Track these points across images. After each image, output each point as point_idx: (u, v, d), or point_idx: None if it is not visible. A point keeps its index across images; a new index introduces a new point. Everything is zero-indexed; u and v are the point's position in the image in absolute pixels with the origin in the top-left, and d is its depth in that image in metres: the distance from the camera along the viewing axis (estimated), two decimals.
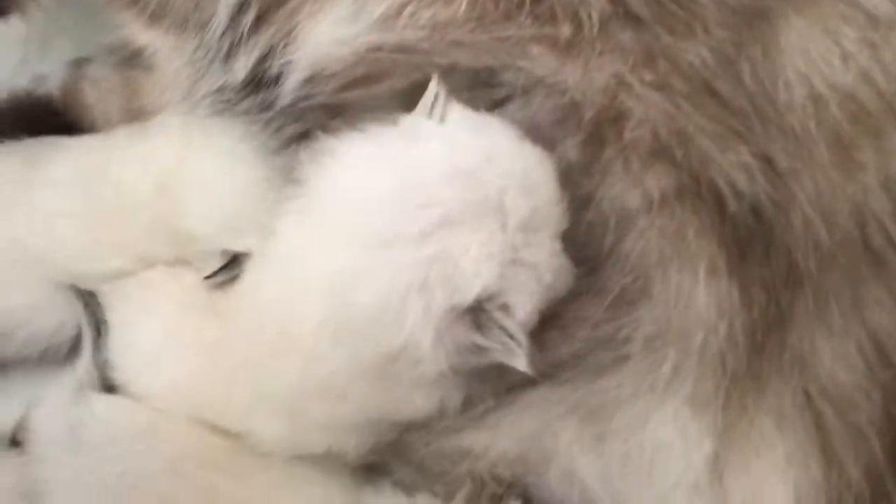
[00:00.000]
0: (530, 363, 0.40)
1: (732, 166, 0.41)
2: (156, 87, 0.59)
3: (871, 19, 0.42)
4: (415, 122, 0.43)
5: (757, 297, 0.41)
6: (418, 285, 0.40)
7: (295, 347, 0.44)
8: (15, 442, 0.55)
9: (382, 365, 0.42)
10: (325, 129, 0.46)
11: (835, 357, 0.41)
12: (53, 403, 0.53)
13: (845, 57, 0.42)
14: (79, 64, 0.64)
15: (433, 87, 0.43)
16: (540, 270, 0.41)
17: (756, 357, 0.41)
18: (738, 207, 0.41)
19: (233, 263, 0.51)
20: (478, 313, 0.41)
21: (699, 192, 0.41)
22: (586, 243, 0.43)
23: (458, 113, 0.43)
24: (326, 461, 0.49)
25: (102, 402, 0.52)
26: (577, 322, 0.43)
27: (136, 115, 0.60)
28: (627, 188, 0.42)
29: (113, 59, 0.62)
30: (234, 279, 0.51)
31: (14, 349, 0.55)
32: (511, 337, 0.41)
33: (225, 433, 0.50)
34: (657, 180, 0.42)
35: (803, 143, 0.41)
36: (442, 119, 0.43)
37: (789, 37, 0.42)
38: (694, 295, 0.41)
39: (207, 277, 0.52)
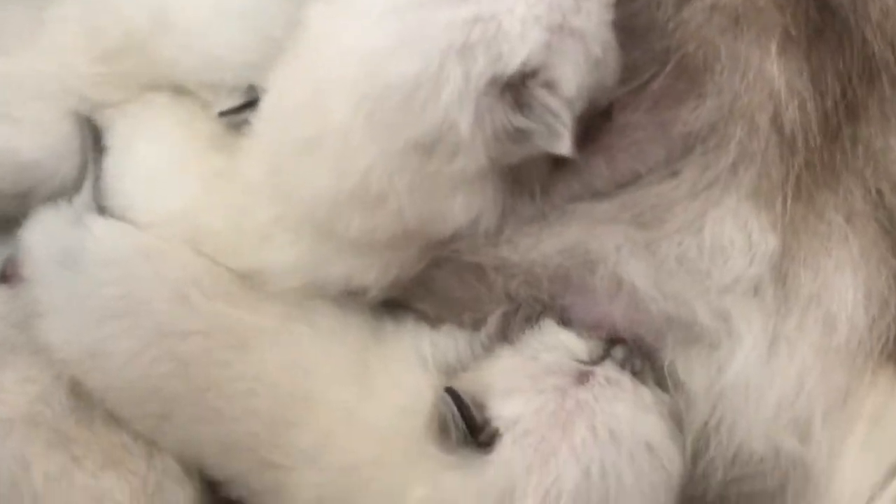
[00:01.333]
0: (573, 146, 0.38)
1: None
2: None
3: None
4: None
5: (831, 86, 0.39)
6: (458, 49, 0.38)
7: (327, 143, 0.42)
8: (3, 277, 0.54)
9: (420, 159, 0.40)
10: None
11: None
12: (49, 226, 0.51)
13: None
14: None
15: None
16: (588, 41, 0.39)
17: (828, 148, 0.39)
18: None
19: (253, 102, 0.48)
20: (519, 90, 0.39)
21: None
22: (639, 12, 0.41)
23: None
24: (343, 298, 0.48)
25: (102, 224, 0.50)
26: (632, 106, 0.41)
27: None
28: None
29: None
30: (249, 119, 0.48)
31: (34, 204, 0.53)
32: (555, 116, 0.39)
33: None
34: None
35: None
36: None
37: None
38: (764, 68, 0.39)
39: (222, 113, 0.49)
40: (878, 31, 0.39)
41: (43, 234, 0.51)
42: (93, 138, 0.52)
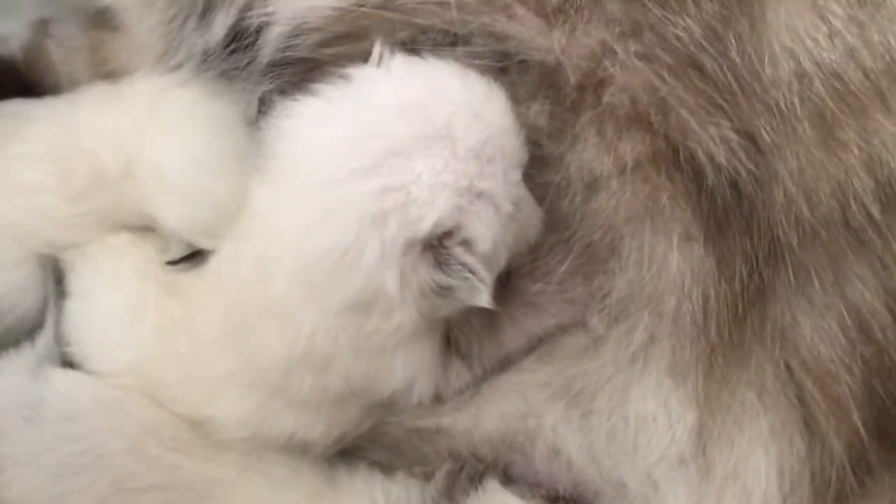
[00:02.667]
0: (492, 298, 0.42)
1: (712, 139, 0.43)
2: (125, 48, 0.59)
3: None
4: (362, 71, 0.45)
5: (738, 269, 0.43)
6: (372, 218, 0.42)
7: (273, 312, 0.45)
8: None
9: (359, 319, 0.44)
10: (296, 90, 0.47)
11: (815, 331, 0.43)
12: (10, 377, 0.53)
13: (832, 34, 0.44)
14: (44, 24, 0.65)
15: (377, 47, 0.45)
16: (498, 200, 0.43)
17: (737, 328, 0.43)
18: (716, 180, 0.43)
19: (197, 255, 0.53)
20: (438, 251, 0.43)
21: (676, 162, 0.43)
22: (550, 202, 0.45)
23: (402, 59, 0.45)
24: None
25: (63, 377, 0.52)
26: (543, 281, 0.45)
27: (105, 77, 0.61)
28: (600, 153, 0.44)
29: (79, 18, 0.63)
30: (198, 265, 0.53)
31: None
32: (472, 272, 0.42)
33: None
34: (632, 146, 0.44)
35: (787, 119, 0.43)
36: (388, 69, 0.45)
37: (777, 11, 0.44)
38: (667, 259, 0.43)
39: (170, 263, 0.54)
40: (781, 214, 0.43)
41: (5, 385, 0.53)
42: (55, 280, 0.55)
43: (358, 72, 0.45)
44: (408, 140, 0.43)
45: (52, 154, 0.55)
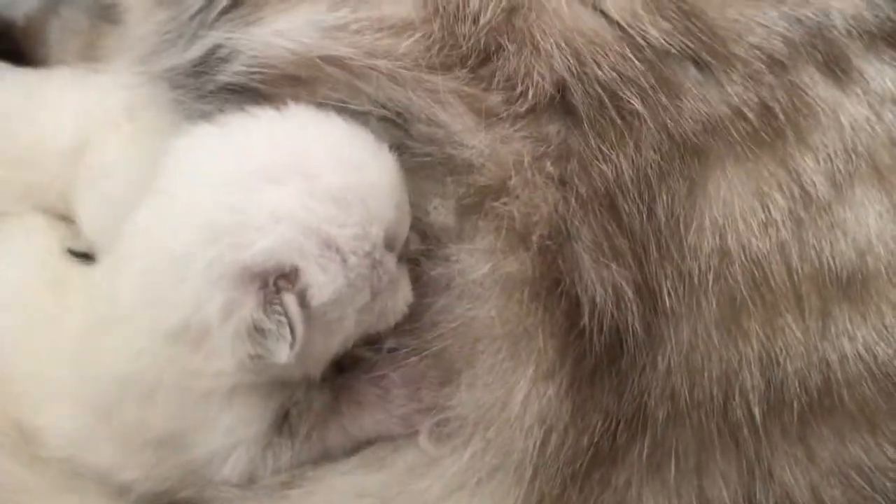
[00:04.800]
0: (290, 356, 0.41)
1: (600, 282, 0.43)
2: (116, 45, 0.64)
3: (806, 196, 0.45)
4: (264, 110, 0.48)
5: (594, 425, 0.43)
6: (208, 232, 0.43)
7: (115, 323, 0.47)
8: None
9: (184, 351, 0.44)
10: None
11: None
12: None
13: (767, 223, 0.45)
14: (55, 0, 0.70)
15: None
16: (346, 253, 0.43)
17: (573, 484, 0.42)
18: (593, 325, 0.43)
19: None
20: (272, 292, 0.42)
21: (553, 292, 0.44)
22: (421, 294, 0.45)
23: (306, 107, 0.47)
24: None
25: None
26: (377, 384, 0.45)
27: (90, 64, 0.66)
28: (483, 262, 0.45)
29: (89, 4, 0.68)
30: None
31: None
32: (287, 321, 0.42)
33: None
34: (512, 264, 0.44)
35: (695, 291, 0.44)
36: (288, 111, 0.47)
37: (719, 185, 0.45)
38: (516, 389, 0.43)
39: (69, 251, 0.57)
40: (657, 384, 0.43)
41: None
42: None
43: (261, 110, 0.48)
44: (272, 167, 0.45)
45: (3, 114, 0.59)
